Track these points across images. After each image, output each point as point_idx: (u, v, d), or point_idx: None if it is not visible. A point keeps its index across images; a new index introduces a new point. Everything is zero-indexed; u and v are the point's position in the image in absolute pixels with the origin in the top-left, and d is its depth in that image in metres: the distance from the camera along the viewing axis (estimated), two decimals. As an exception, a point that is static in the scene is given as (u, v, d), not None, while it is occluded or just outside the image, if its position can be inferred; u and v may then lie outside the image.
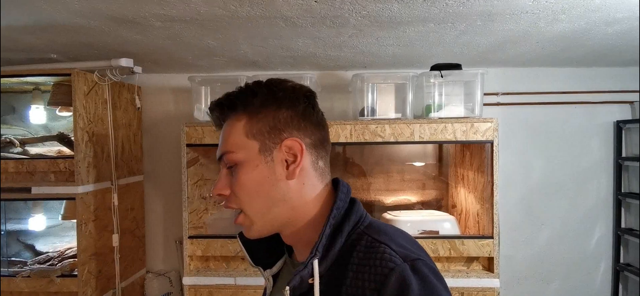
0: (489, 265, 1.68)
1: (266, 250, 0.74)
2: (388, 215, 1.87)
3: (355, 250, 0.60)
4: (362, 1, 1.27)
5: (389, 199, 2.13)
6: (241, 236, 0.74)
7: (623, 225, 2.28)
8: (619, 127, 2.24)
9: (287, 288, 0.61)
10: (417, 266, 0.56)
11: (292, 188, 0.65)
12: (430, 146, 2.17)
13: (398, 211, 1.91)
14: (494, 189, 1.64)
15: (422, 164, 2.21)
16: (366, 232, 0.63)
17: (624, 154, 2.25)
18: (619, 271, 2.27)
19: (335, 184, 0.69)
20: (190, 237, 1.74)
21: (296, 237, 0.68)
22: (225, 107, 0.67)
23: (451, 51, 1.83)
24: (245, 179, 0.65)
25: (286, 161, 0.65)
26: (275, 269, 0.74)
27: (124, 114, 2.11)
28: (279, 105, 0.66)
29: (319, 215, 0.66)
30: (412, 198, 2.17)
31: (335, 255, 0.62)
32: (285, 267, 0.75)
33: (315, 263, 0.60)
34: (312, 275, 0.60)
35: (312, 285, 0.60)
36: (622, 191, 2.25)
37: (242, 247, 0.74)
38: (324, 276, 0.61)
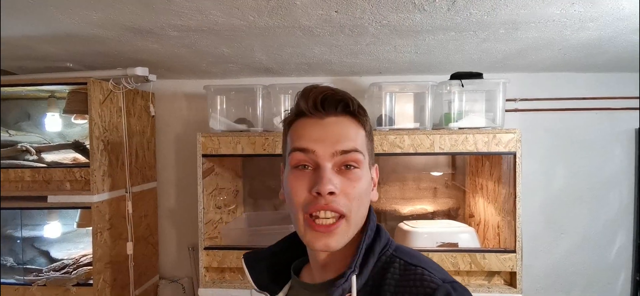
0: (511, 279, 1.64)
1: (269, 275, 0.76)
2: (405, 226, 1.82)
3: (389, 272, 0.63)
4: (384, 11, 1.24)
5: (405, 209, 2.09)
6: (246, 258, 0.76)
7: (645, 235, 2.21)
8: (642, 134, 2.18)
9: None
10: (456, 287, 0.60)
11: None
12: (447, 154, 2.12)
13: (415, 222, 1.87)
14: (517, 202, 1.60)
15: (440, 173, 2.17)
16: (397, 256, 0.66)
17: (646, 162, 2.18)
18: (639, 282, 2.21)
19: None
20: (205, 248, 1.73)
21: (333, 255, 0.68)
22: (356, 111, 0.67)
23: (470, 58, 1.79)
24: (363, 184, 0.66)
25: (373, 180, 0.71)
26: (281, 294, 0.75)
27: (138, 121, 2.10)
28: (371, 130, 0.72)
29: (357, 234, 0.68)
30: (429, 207, 2.13)
31: (369, 274, 0.64)
32: (291, 292, 0.75)
33: (354, 278, 0.62)
34: (350, 290, 0.62)
35: None
36: (645, 200, 2.19)
37: (247, 271, 0.75)
38: (359, 293, 0.63)
